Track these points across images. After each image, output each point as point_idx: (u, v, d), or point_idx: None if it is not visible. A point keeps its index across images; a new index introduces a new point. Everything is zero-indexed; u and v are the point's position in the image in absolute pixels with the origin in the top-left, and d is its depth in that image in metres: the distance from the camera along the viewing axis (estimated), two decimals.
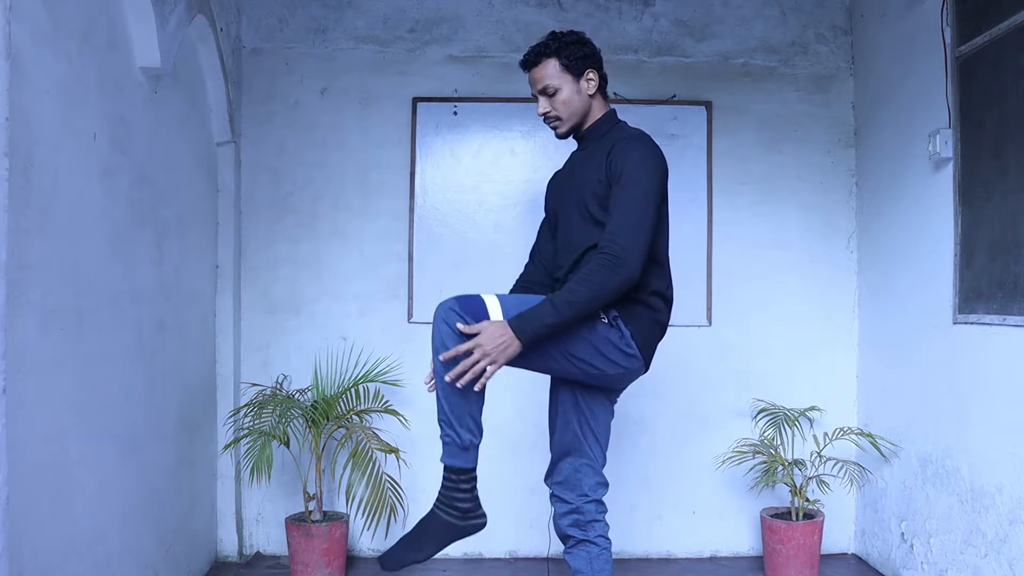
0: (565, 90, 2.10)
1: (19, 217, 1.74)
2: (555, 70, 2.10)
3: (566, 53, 2.09)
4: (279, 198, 3.47)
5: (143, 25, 2.43)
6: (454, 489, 1.95)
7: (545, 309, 1.88)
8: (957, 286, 2.72)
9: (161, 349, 2.69)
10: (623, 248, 1.90)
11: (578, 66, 2.10)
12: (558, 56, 2.09)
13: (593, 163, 2.07)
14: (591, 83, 2.13)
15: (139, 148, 2.49)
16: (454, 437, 1.91)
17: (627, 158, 1.98)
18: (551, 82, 2.10)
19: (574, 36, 2.12)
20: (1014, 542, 2.37)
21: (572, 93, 2.11)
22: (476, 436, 1.93)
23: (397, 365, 3.32)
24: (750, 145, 3.53)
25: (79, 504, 2.07)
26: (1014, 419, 2.39)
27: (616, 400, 2.22)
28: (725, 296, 3.50)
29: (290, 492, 3.39)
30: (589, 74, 2.12)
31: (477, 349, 1.85)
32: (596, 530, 2.14)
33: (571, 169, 2.21)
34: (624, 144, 2.02)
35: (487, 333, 1.85)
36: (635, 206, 1.94)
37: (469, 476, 1.96)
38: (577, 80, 2.11)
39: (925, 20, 2.91)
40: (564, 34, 2.12)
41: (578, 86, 2.12)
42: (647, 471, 3.47)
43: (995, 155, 2.52)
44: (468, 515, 1.96)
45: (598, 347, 1.99)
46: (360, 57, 3.51)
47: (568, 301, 1.88)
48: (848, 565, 3.38)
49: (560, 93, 2.10)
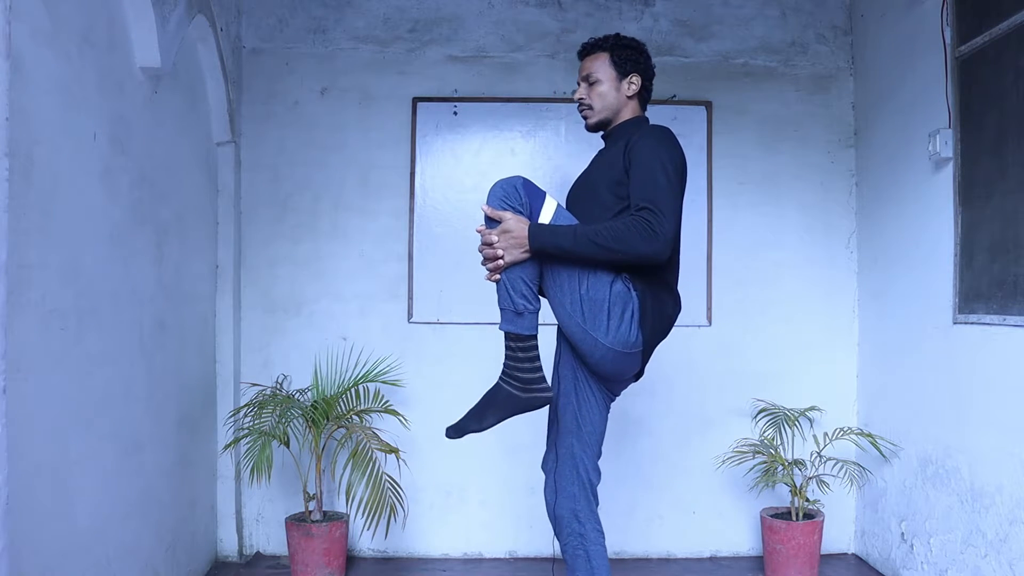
0: (605, 83, 2.20)
1: (19, 217, 1.74)
2: (603, 63, 2.20)
3: (619, 52, 2.20)
4: (279, 198, 3.48)
5: (143, 25, 2.43)
6: (512, 357, 1.97)
7: (566, 231, 1.94)
8: (957, 286, 2.72)
9: (161, 349, 2.69)
10: (659, 216, 1.91)
11: (625, 67, 2.20)
12: (611, 52, 2.21)
13: (614, 157, 2.13)
14: (632, 86, 2.22)
15: (139, 148, 2.49)
16: (508, 302, 1.95)
17: (646, 145, 2.04)
18: (596, 73, 2.20)
19: (634, 43, 2.24)
20: (1014, 542, 2.37)
21: (611, 88, 2.20)
22: (531, 303, 1.96)
23: (397, 365, 3.32)
24: (750, 145, 3.53)
25: (79, 504, 2.07)
26: (1014, 419, 2.39)
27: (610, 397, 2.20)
28: (725, 296, 3.50)
29: (290, 492, 3.39)
30: (633, 77, 2.21)
31: (494, 236, 1.93)
32: (590, 521, 2.15)
33: (593, 166, 2.27)
34: (644, 132, 2.11)
35: (507, 224, 1.94)
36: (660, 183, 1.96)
37: (527, 344, 1.96)
38: (620, 79, 2.21)
39: (925, 20, 2.91)
40: (626, 38, 2.24)
41: (619, 84, 2.21)
42: (647, 471, 3.47)
43: (995, 155, 2.52)
44: (530, 386, 1.97)
45: (607, 304, 1.98)
46: (360, 57, 3.51)
47: (590, 238, 1.91)
48: (848, 565, 3.38)
49: (600, 85, 2.20)
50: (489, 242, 1.95)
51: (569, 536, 2.13)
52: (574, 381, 2.10)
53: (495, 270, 1.97)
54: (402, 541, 3.43)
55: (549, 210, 2.01)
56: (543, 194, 2.03)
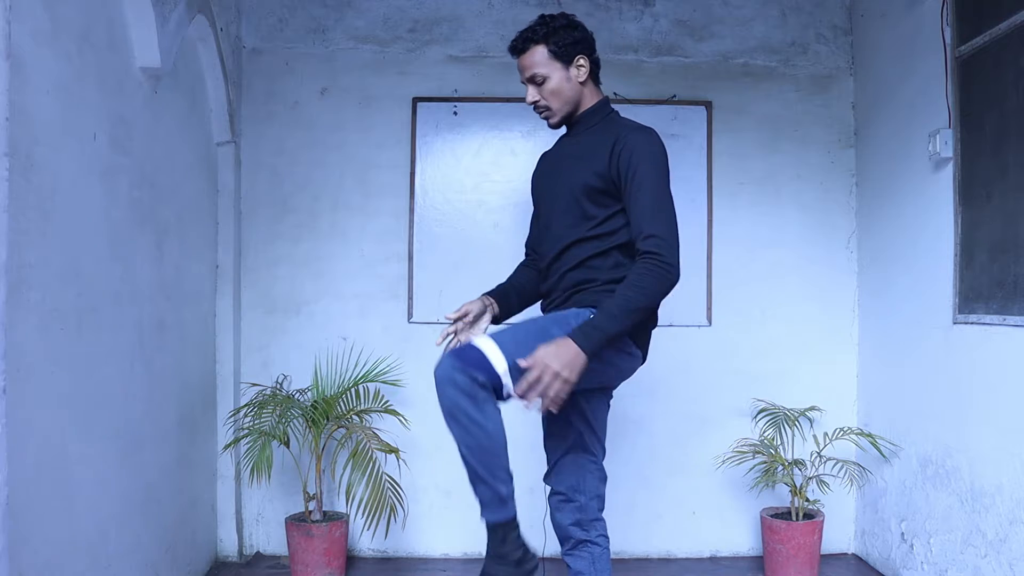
0: (554, 78, 2.01)
1: (19, 217, 1.74)
2: (543, 57, 2.00)
3: (555, 39, 1.99)
4: (279, 198, 3.47)
5: (143, 25, 2.43)
6: (501, 544, 1.82)
7: (606, 319, 1.80)
8: (957, 286, 2.72)
9: (161, 349, 2.69)
10: (666, 245, 1.83)
11: (568, 52, 2.00)
12: (546, 42, 1.99)
13: (590, 154, 1.97)
14: (582, 70, 2.03)
15: (139, 148, 2.49)
16: (492, 493, 1.80)
17: (639, 153, 1.90)
18: (539, 70, 2.00)
19: (564, 20, 2.01)
20: (1014, 542, 2.37)
21: (561, 81, 2.01)
22: (511, 484, 1.83)
23: (397, 365, 3.32)
24: (750, 145, 3.53)
25: (79, 504, 2.07)
26: (1014, 419, 2.39)
27: (612, 395, 2.19)
28: (725, 296, 3.50)
29: (290, 492, 3.39)
30: (579, 60, 2.02)
31: (546, 374, 1.74)
32: (597, 529, 2.12)
33: (560, 158, 2.12)
34: (633, 138, 1.93)
35: (551, 355, 1.75)
36: (663, 202, 1.88)
37: (514, 525, 1.83)
38: (567, 67, 2.01)
39: (925, 20, 2.91)
40: (553, 17, 2.01)
41: (567, 73, 2.01)
42: (647, 471, 3.47)
43: (995, 155, 2.52)
44: (521, 564, 1.83)
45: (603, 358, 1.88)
46: (360, 57, 3.51)
47: (627, 310, 1.81)
48: (848, 565, 3.38)
49: (549, 82, 2.01)
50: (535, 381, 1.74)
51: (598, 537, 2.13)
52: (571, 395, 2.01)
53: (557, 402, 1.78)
54: (402, 541, 3.43)
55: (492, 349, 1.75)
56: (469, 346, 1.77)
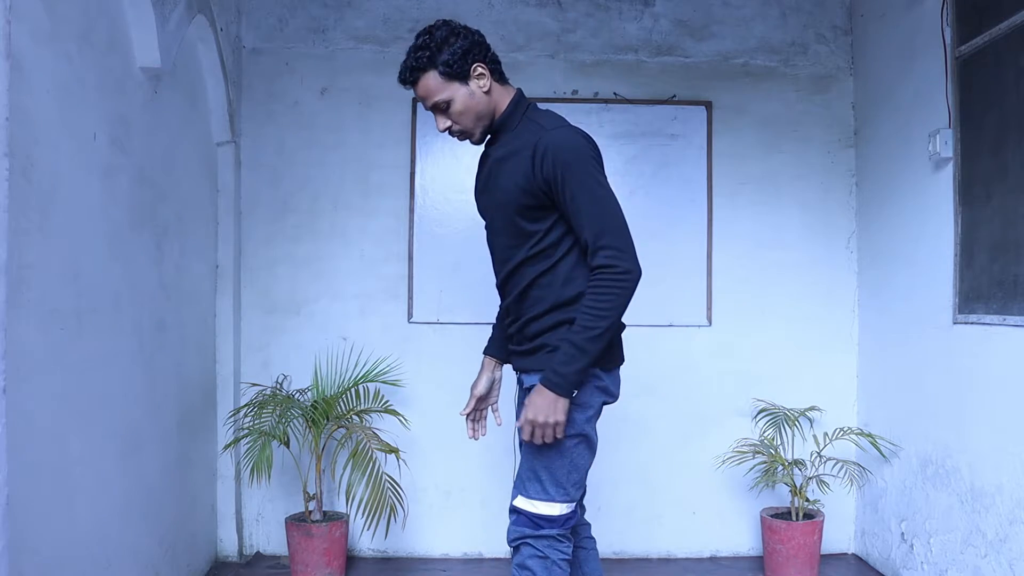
0: (458, 99, 1.84)
1: (19, 217, 1.74)
2: (438, 82, 1.83)
3: (442, 59, 1.81)
4: (279, 198, 3.47)
5: (143, 25, 2.43)
6: None
7: (571, 356, 1.75)
8: (957, 286, 2.72)
9: (161, 349, 2.69)
10: (618, 253, 1.74)
11: (461, 68, 1.82)
12: (434, 66, 1.82)
13: (512, 165, 1.84)
14: (483, 79, 1.86)
15: (139, 148, 2.49)
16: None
17: (561, 156, 1.76)
18: (439, 96, 1.83)
19: (443, 32, 1.84)
20: (1014, 542, 2.37)
21: (466, 99, 1.84)
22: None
23: (397, 365, 3.32)
24: (750, 145, 3.53)
25: (79, 504, 2.07)
26: (1014, 419, 2.39)
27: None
28: (725, 296, 3.50)
29: (290, 492, 3.39)
30: (477, 70, 1.84)
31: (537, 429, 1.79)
32: None
33: (489, 169, 1.94)
34: (550, 140, 1.78)
35: (533, 409, 1.78)
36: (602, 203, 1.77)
37: None
38: (465, 82, 1.84)
39: (925, 20, 2.91)
40: (431, 34, 1.84)
41: (469, 88, 1.84)
42: (647, 471, 3.47)
43: (995, 155, 2.52)
44: None
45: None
46: (360, 57, 3.51)
47: (590, 339, 1.74)
48: (848, 565, 3.38)
49: (454, 104, 1.84)
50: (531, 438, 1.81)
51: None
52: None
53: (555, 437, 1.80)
54: (402, 541, 3.43)
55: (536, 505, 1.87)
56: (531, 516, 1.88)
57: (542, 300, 1.87)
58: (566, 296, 1.85)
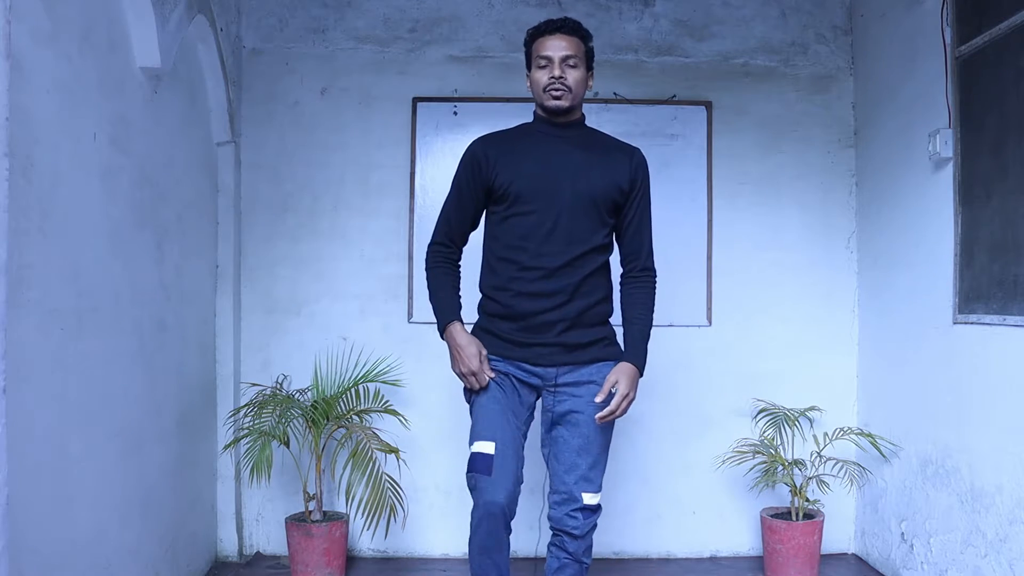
0: (580, 71, 2.15)
1: (19, 217, 1.74)
2: (581, 50, 2.15)
3: (590, 44, 2.19)
4: (279, 198, 3.47)
5: (143, 25, 2.43)
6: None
7: (645, 344, 2.22)
8: (957, 286, 2.72)
9: (161, 349, 2.69)
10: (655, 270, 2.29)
11: (591, 61, 2.20)
12: (587, 42, 2.18)
13: (607, 165, 2.17)
14: (591, 80, 2.22)
15: (139, 148, 2.49)
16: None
17: (648, 181, 2.25)
18: (577, 57, 2.14)
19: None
20: (1014, 542, 2.37)
21: (583, 77, 2.17)
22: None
23: (397, 365, 3.32)
24: (750, 145, 3.53)
25: (79, 504, 2.07)
26: (1014, 419, 2.39)
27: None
28: (725, 296, 3.50)
29: (290, 492, 3.39)
30: (592, 72, 2.23)
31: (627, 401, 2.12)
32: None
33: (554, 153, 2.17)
34: (644, 161, 2.25)
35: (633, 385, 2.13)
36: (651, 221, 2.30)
37: None
38: (588, 71, 2.19)
39: (925, 20, 2.91)
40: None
41: (586, 75, 2.19)
42: (647, 471, 3.47)
43: (995, 155, 2.52)
44: None
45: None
46: (360, 57, 3.51)
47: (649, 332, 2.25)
48: (848, 565, 3.38)
49: (576, 71, 2.14)
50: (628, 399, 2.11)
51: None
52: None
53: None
54: (402, 541, 3.43)
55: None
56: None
57: (599, 288, 2.20)
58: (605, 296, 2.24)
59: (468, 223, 2.27)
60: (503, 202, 2.16)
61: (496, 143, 2.22)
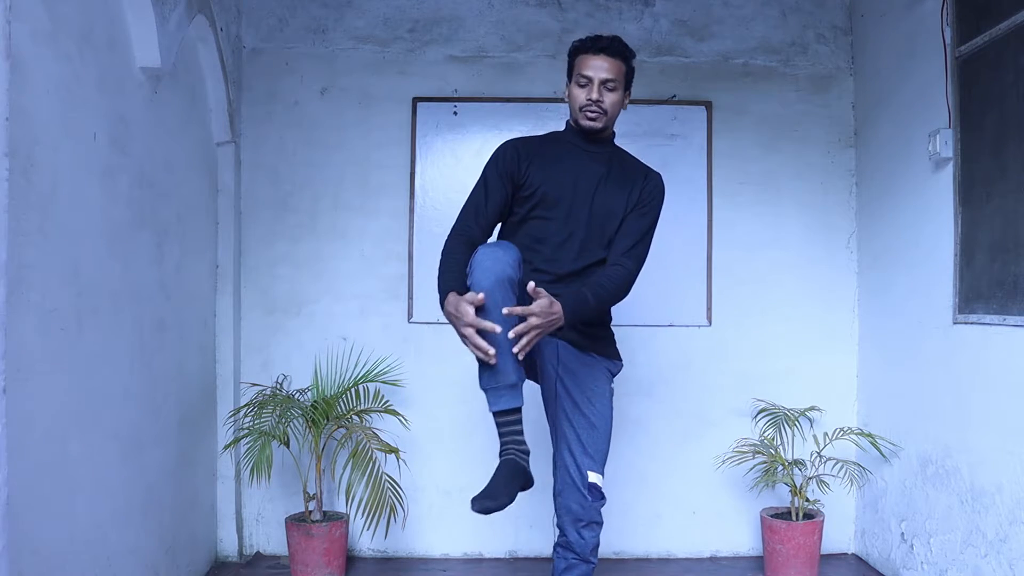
0: (618, 94, 2.17)
1: (19, 217, 1.74)
2: (621, 73, 2.15)
3: (630, 66, 2.18)
4: (279, 198, 3.47)
5: (143, 25, 2.43)
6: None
7: (584, 303, 2.04)
8: (957, 286, 2.72)
9: (161, 349, 2.69)
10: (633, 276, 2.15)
11: (630, 82, 2.21)
12: (628, 64, 2.17)
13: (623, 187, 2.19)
14: (626, 101, 2.22)
15: (139, 148, 2.49)
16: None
17: (656, 200, 2.21)
18: (616, 80, 2.14)
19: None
20: (1014, 542, 2.37)
21: (620, 100, 2.19)
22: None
23: (397, 365, 3.32)
24: (750, 145, 3.53)
25: (79, 504, 2.07)
26: (1014, 419, 2.39)
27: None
28: (725, 296, 3.50)
29: (290, 492, 3.39)
30: (629, 94, 2.22)
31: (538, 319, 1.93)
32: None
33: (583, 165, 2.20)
34: (656, 184, 2.22)
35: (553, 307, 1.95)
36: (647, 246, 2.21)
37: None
38: (626, 93, 2.20)
39: (925, 20, 2.91)
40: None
41: (624, 97, 2.20)
42: (646, 471, 3.47)
43: (995, 155, 2.52)
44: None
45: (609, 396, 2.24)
46: (360, 57, 3.51)
47: (599, 297, 2.07)
48: (848, 565, 3.38)
49: (614, 95, 2.16)
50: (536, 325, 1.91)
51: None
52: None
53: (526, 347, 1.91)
54: (402, 541, 3.43)
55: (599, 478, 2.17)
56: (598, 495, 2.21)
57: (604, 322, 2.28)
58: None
59: (494, 216, 2.20)
60: (527, 203, 2.18)
61: (531, 145, 2.25)
